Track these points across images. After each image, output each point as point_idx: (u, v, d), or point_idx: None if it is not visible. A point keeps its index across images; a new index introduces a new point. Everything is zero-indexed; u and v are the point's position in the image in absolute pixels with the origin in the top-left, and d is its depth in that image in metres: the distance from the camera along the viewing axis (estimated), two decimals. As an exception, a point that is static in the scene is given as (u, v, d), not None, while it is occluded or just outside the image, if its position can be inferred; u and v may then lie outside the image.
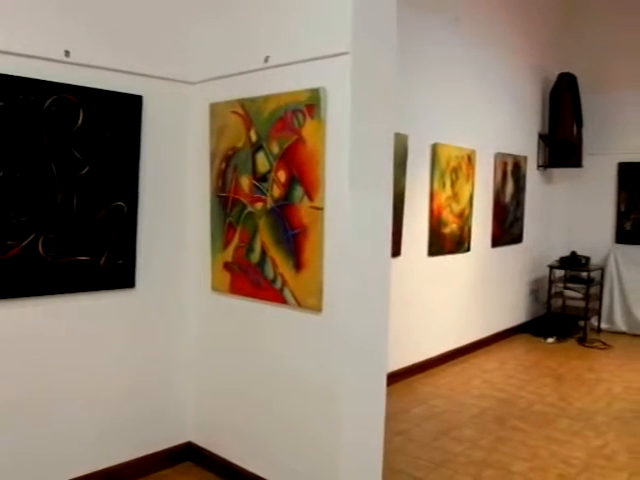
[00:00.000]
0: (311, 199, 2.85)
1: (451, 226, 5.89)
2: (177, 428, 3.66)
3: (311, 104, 2.83)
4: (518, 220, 7.21)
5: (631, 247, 7.59)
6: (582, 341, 7.07)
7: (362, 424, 2.95)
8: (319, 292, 2.85)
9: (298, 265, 2.93)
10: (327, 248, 2.81)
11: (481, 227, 6.45)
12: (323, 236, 2.81)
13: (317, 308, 2.87)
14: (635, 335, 7.44)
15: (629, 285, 7.57)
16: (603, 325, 7.67)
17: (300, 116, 2.88)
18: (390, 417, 3.94)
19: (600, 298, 7.62)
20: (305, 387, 2.98)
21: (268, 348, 3.18)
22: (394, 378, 5.14)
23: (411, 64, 5.15)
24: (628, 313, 7.56)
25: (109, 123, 3.13)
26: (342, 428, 2.84)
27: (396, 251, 5.03)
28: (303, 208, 2.89)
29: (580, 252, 7.49)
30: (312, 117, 2.83)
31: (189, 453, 3.67)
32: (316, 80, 2.83)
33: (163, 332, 3.55)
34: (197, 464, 3.63)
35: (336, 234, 2.78)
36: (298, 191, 2.90)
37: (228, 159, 3.30)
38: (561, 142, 7.40)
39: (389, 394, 3.18)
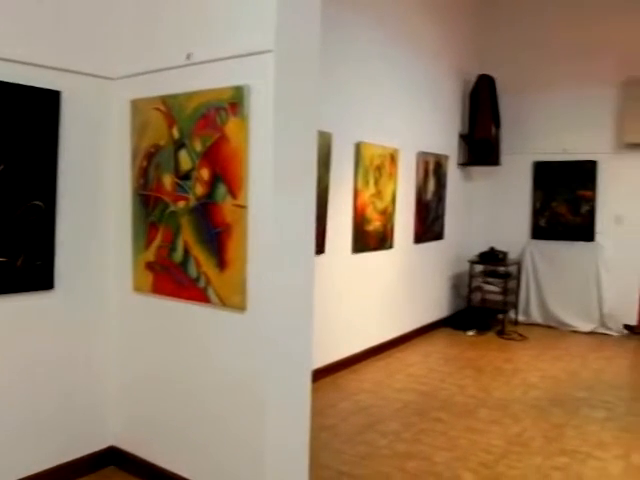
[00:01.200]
0: (234, 197, 2.84)
1: (375, 223, 5.99)
2: (99, 432, 3.57)
3: (234, 102, 2.82)
4: (440, 217, 7.40)
5: (545, 242, 7.94)
6: (500, 333, 7.34)
7: (288, 421, 2.97)
8: (243, 291, 2.85)
9: (222, 264, 2.92)
10: (251, 246, 2.82)
11: (404, 224, 6.59)
12: (247, 234, 2.82)
13: (241, 307, 2.87)
14: (549, 326, 7.78)
15: (544, 279, 7.90)
16: (520, 317, 7.97)
17: (223, 114, 2.87)
18: (316, 413, 3.98)
19: (517, 292, 7.94)
20: (230, 386, 2.98)
21: (192, 348, 3.15)
22: (320, 374, 5.19)
23: (335, 63, 5.21)
24: (543, 305, 7.89)
25: (25, 119, 3.03)
26: (268, 425, 2.85)
27: (320, 248, 5.07)
28: (226, 206, 2.88)
29: (498, 247, 7.75)
30: (235, 115, 2.82)
31: (112, 457, 3.59)
32: (239, 78, 2.82)
33: (84, 334, 3.46)
34: (121, 468, 3.56)
35: (260, 232, 2.79)
36: (221, 189, 2.89)
37: (150, 157, 3.25)
38: (480, 141, 7.65)
39: (315, 390, 3.22)
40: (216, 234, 2.93)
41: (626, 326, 7.49)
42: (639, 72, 7.21)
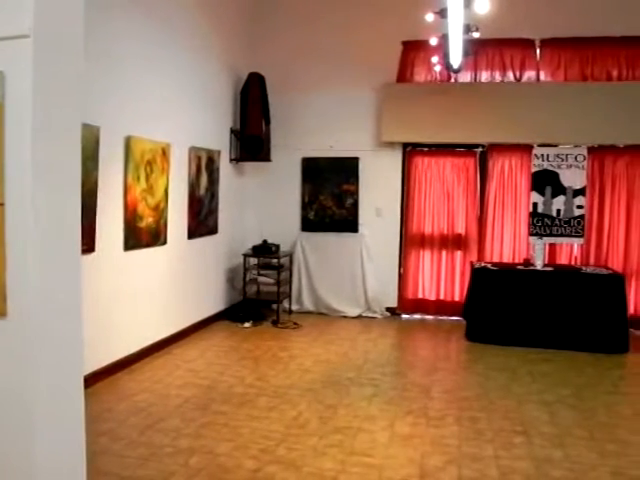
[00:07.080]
0: (-10, 194, 2.61)
1: (147, 219, 5.85)
2: None
3: (-14, 90, 2.58)
4: (213, 212, 7.44)
5: (314, 234, 8.37)
6: (276, 323, 7.59)
7: (60, 431, 2.79)
8: (1, 295, 2.63)
9: (-22, 267, 2.67)
10: (9, 247, 2.60)
11: (177, 220, 6.52)
12: (4, 234, 2.59)
13: (0, 313, 2.64)
14: (321, 313, 8.22)
15: (314, 269, 8.32)
16: (294, 307, 8.32)
17: (-26, 103, 2.61)
18: (93, 418, 3.83)
19: (290, 282, 8.26)
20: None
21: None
22: (96, 377, 4.97)
23: (104, 58, 5.00)
24: (314, 294, 8.31)
25: None
26: (37, 440, 2.65)
27: (90, 247, 4.84)
28: (-19, 204, 2.63)
29: (271, 240, 8.00)
30: (-12, 104, 2.58)
31: None
32: (-8, 64, 2.59)
33: None
34: None
35: (19, 232, 2.58)
36: (-26, 186, 2.64)
37: None
38: (250, 137, 7.81)
39: (91, 394, 3.09)
40: (-30, 235, 2.66)
41: (388, 309, 8.22)
42: (392, 79, 7.93)
